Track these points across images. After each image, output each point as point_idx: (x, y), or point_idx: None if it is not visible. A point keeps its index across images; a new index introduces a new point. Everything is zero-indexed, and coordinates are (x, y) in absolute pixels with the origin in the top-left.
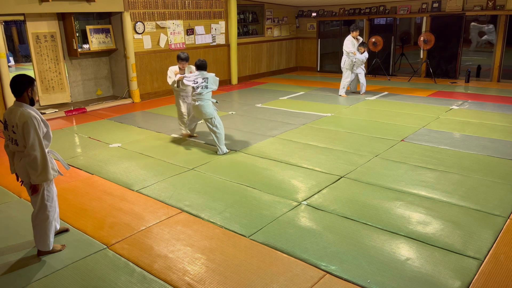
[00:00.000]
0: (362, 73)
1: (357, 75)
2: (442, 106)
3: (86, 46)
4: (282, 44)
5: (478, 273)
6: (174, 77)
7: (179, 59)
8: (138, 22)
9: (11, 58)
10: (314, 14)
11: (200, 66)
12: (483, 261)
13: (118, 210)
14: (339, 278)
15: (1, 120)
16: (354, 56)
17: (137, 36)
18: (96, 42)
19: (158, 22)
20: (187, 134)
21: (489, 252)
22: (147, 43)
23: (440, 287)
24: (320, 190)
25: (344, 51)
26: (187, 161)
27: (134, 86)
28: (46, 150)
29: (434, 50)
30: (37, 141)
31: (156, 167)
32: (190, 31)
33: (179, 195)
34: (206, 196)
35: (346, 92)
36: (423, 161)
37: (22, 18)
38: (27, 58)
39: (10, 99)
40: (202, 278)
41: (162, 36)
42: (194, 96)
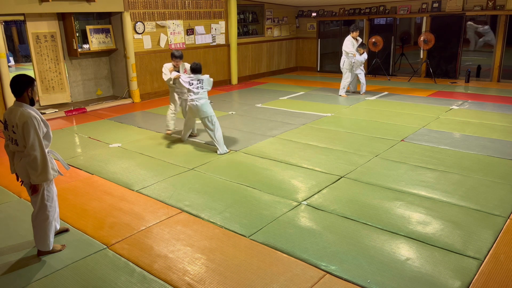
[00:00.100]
0: (362, 73)
1: (357, 75)
2: (442, 106)
3: (86, 46)
4: (282, 44)
5: (478, 273)
6: (169, 74)
7: (173, 57)
8: (138, 22)
9: (11, 58)
10: (314, 14)
11: (195, 70)
12: (483, 261)
13: (118, 210)
14: (339, 278)
15: (1, 120)
16: (353, 57)
17: (137, 36)
18: (96, 42)
19: (158, 22)
20: (171, 132)
21: (489, 252)
22: (147, 43)
23: (440, 287)
24: (320, 190)
25: (343, 51)
26: (187, 161)
27: (134, 86)
28: (46, 150)
29: (434, 50)
30: (37, 141)
31: (156, 167)
32: (190, 31)
33: (179, 195)
34: (206, 196)
35: (346, 92)
36: (423, 161)
37: (22, 18)
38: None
39: (10, 99)
40: (202, 278)
41: (162, 36)
42: (191, 96)
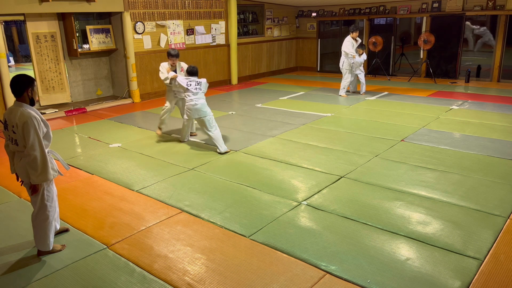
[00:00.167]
0: (362, 73)
1: (357, 75)
2: (442, 106)
3: (86, 46)
4: (282, 44)
5: (478, 273)
6: (166, 73)
7: (170, 56)
8: (138, 22)
9: (11, 58)
10: (314, 14)
11: (192, 73)
12: (483, 261)
13: (118, 210)
14: (339, 278)
15: (1, 120)
16: (353, 59)
17: (137, 36)
18: (96, 42)
19: (158, 22)
20: (161, 133)
21: (489, 252)
22: (147, 43)
23: (440, 287)
24: (320, 190)
25: (342, 51)
26: (187, 161)
27: (134, 86)
28: (46, 150)
29: (434, 50)
30: (37, 141)
31: (156, 167)
32: (190, 31)
33: (179, 195)
34: (206, 196)
35: (346, 92)
36: (423, 161)
37: (22, 18)
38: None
39: (10, 99)
40: (202, 278)
41: (162, 36)
42: (190, 96)
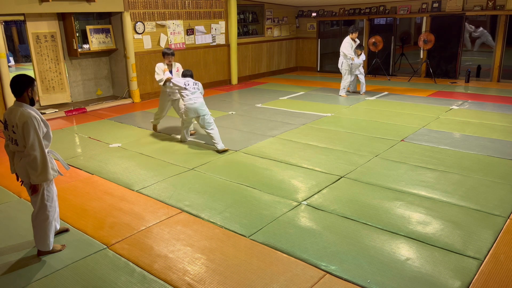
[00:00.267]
0: (362, 73)
1: (356, 75)
2: (442, 106)
3: (86, 46)
4: (282, 44)
5: (478, 273)
6: (162, 74)
7: (166, 55)
8: (138, 22)
9: (11, 58)
10: (314, 14)
11: (187, 76)
12: (483, 261)
13: (118, 210)
14: (339, 278)
15: (1, 120)
16: (351, 61)
17: (137, 36)
18: (96, 42)
19: (158, 22)
20: (158, 130)
21: (489, 252)
22: (147, 43)
23: (440, 287)
24: (320, 190)
25: (341, 52)
26: (187, 161)
27: (134, 86)
28: (46, 150)
29: (434, 50)
30: (37, 141)
31: (156, 167)
32: (190, 31)
33: (179, 195)
34: (206, 196)
35: (346, 92)
36: (423, 161)
37: (22, 18)
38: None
39: (10, 99)
40: (202, 278)
41: (162, 36)
42: (188, 96)
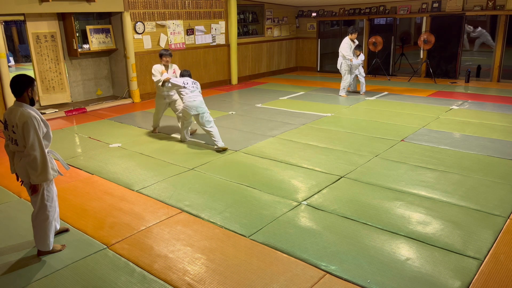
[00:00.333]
0: (361, 73)
1: (356, 75)
2: (442, 106)
3: (86, 46)
4: (282, 44)
5: (478, 273)
6: (159, 76)
7: (164, 55)
8: (138, 22)
9: (11, 58)
10: (314, 14)
11: (186, 76)
12: (483, 261)
13: (118, 210)
14: (339, 278)
15: (1, 120)
16: (350, 62)
17: (137, 36)
18: (96, 42)
19: (158, 22)
20: (157, 131)
21: (489, 252)
22: (147, 43)
23: (440, 287)
24: (320, 190)
25: (340, 53)
26: (187, 161)
27: (134, 86)
28: (46, 150)
29: (434, 50)
30: (37, 141)
31: (156, 167)
32: (190, 31)
33: (179, 195)
34: (206, 196)
35: (346, 92)
36: (423, 161)
37: (22, 18)
38: (27, 58)
39: (10, 99)
40: (202, 278)
41: (162, 36)
42: (188, 94)
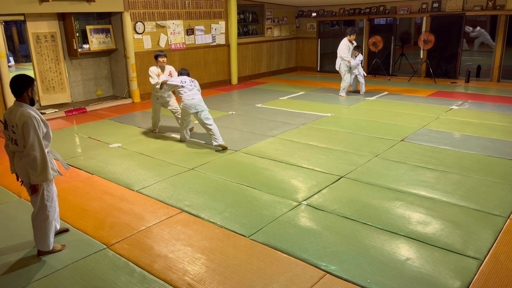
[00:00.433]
0: (361, 73)
1: (356, 75)
2: (442, 106)
3: (86, 46)
4: (282, 44)
5: (478, 273)
6: (157, 78)
7: (159, 57)
8: (138, 22)
9: (11, 58)
10: (314, 14)
11: (184, 75)
12: (483, 261)
13: (118, 210)
14: (339, 278)
15: (1, 120)
16: (349, 64)
17: (137, 36)
18: (96, 42)
19: (158, 22)
20: (157, 131)
21: (489, 252)
22: (147, 43)
23: (440, 287)
24: (320, 190)
25: (338, 54)
26: (187, 161)
27: (134, 86)
28: (46, 150)
29: (434, 50)
30: (36, 141)
31: (156, 167)
32: (190, 31)
33: (179, 195)
34: (206, 196)
35: (346, 92)
36: (423, 161)
37: (22, 18)
38: (27, 58)
39: (10, 99)
40: (202, 278)
41: (162, 36)
42: (186, 93)
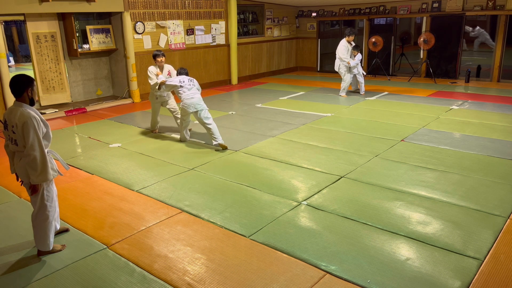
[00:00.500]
0: (360, 73)
1: (355, 75)
2: (442, 106)
3: (86, 46)
4: (282, 44)
5: (478, 273)
6: (156, 78)
7: (158, 56)
8: (138, 22)
9: (11, 58)
10: (314, 14)
11: (182, 74)
12: (483, 261)
13: (118, 210)
14: (339, 278)
15: (1, 120)
16: (348, 65)
17: (137, 36)
18: (96, 42)
19: (158, 22)
20: (157, 131)
21: (489, 252)
22: (147, 43)
23: (440, 287)
24: (320, 190)
25: (337, 55)
26: (187, 161)
27: (134, 86)
28: (46, 150)
29: (434, 50)
30: (36, 141)
31: (156, 167)
32: (190, 31)
33: (179, 195)
34: (206, 196)
35: (346, 92)
36: (423, 161)
37: (22, 18)
38: (27, 58)
39: (10, 99)
40: (202, 278)
41: (162, 36)
42: (186, 93)
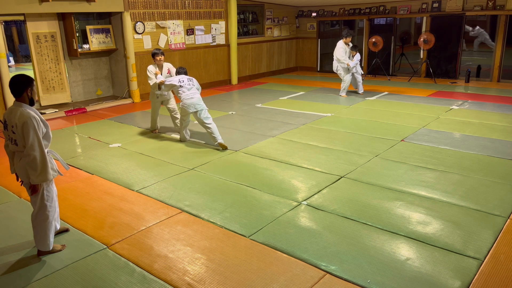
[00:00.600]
0: (358, 73)
1: (353, 75)
2: (442, 106)
3: (86, 46)
4: (282, 44)
5: (478, 273)
6: (155, 78)
7: (157, 55)
8: (138, 22)
9: (11, 58)
10: (314, 14)
11: (181, 73)
12: (483, 261)
13: (118, 210)
14: (339, 278)
15: (1, 120)
16: (348, 66)
17: (137, 36)
18: (96, 42)
19: (158, 22)
20: (157, 132)
21: (489, 252)
22: (147, 43)
23: (440, 287)
24: (320, 190)
25: (335, 57)
26: (187, 161)
27: (134, 86)
28: (46, 150)
29: (434, 50)
30: (36, 141)
31: (156, 167)
32: (190, 31)
33: (179, 195)
34: (206, 196)
35: (346, 92)
36: (423, 161)
37: (22, 18)
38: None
39: (10, 99)
40: (202, 278)
41: (162, 36)
42: (185, 92)
